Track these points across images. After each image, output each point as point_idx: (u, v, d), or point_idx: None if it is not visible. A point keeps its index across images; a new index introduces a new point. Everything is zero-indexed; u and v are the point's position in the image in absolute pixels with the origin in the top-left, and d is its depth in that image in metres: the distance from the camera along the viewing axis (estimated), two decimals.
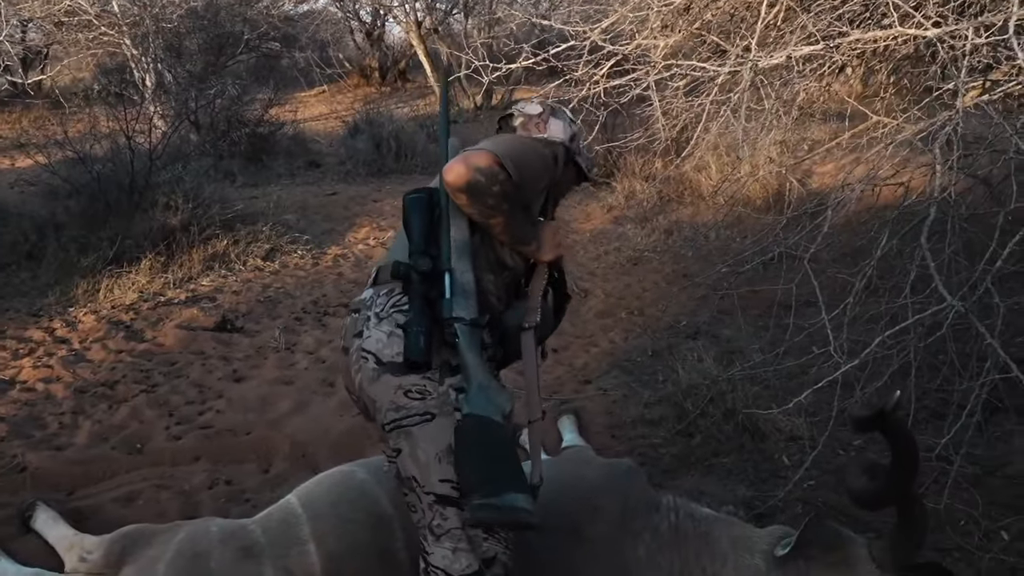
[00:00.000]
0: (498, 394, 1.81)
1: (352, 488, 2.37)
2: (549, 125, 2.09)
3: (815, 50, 2.84)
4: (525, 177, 1.89)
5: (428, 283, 1.88)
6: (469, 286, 1.88)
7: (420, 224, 1.93)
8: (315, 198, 8.62)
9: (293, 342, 4.79)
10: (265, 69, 16.88)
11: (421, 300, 1.85)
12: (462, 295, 1.87)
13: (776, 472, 3.29)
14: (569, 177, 2.19)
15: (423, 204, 1.95)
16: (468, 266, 1.90)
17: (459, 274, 1.88)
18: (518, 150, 1.93)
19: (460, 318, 1.84)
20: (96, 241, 5.83)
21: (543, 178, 2.03)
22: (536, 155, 1.99)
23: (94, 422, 3.78)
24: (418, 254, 1.90)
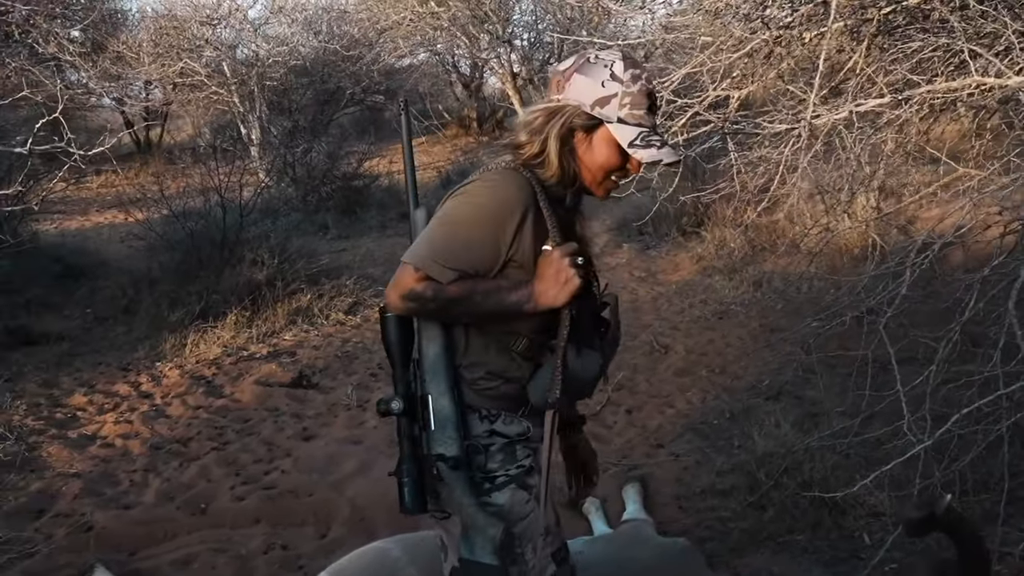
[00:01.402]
0: (488, 528, 1.60)
1: (385, 567, 2.29)
2: (571, 83, 1.64)
3: (880, 103, 2.67)
4: (475, 255, 1.59)
5: (410, 416, 1.66)
6: (446, 412, 1.63)
7: (396, 346, 1.69)
8: (403, 250, 8.69)
9: (365, 399, 4.79)
10: (369, 122, 17.39)
11: (407, 440, 1.66)
12: (440, 427, 1.63)
13: (855, 552, 3.04)
14: (593, 153, 1.67)
15: (396, 321, 1.68)
16: (444, 387, 1.64)
17: (434, 399, 1.64)
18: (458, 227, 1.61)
19: (440, 456, 1.62)
20: (186, 296, 6.02)
21: (505, 225, 1.60)
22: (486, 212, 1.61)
23: (163, 480, 3.83)
24: (398, 384, 1.68)
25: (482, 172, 1.71)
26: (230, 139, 12.69)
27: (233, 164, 7.68)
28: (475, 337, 1.71)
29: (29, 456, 4.06)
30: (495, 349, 1.70)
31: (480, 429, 1.71)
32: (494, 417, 1.73)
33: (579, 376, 1.68)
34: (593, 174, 1.69)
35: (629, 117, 1.62)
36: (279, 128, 12.35)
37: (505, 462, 1.72)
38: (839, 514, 3.23)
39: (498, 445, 1.72)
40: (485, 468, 1.70)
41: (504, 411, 1.73)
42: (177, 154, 13.17)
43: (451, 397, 1.65)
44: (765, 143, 4.40)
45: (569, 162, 1.67)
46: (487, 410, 1.72)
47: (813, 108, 2.68)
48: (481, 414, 1.72)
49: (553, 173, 1.66)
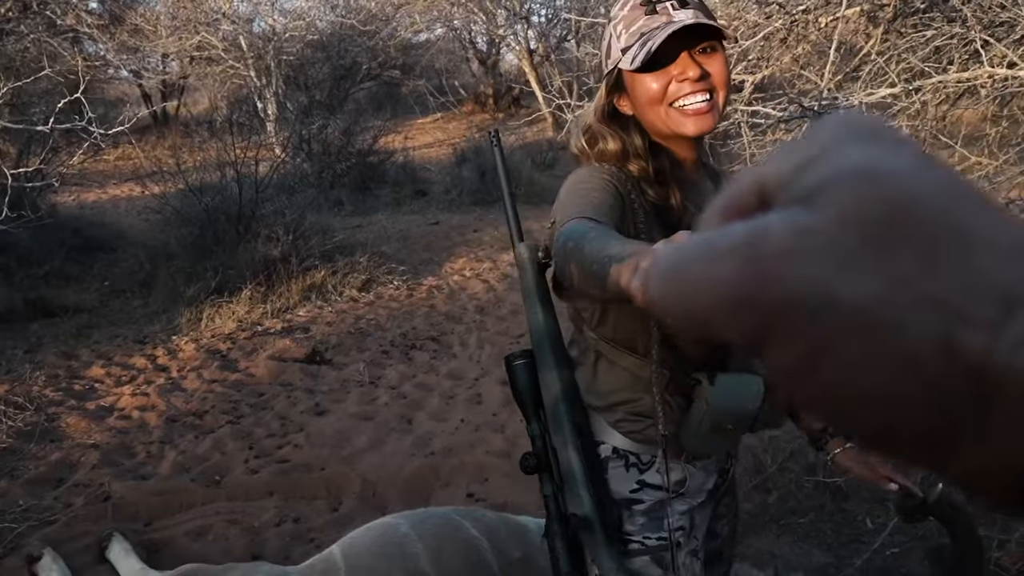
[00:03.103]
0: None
1: (393, 543, 2.35)
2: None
3: (892, 92, 2.67)
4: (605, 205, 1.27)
5: (549, 473, 1.45)
6: (571, 466, 1.40)
7: (525, 395, 1.48)
8: (418, 227, 8.75)
9: (377, 375, 4.85)
10: (385, 97, 17.41)
11: (551, 501, 1.45)
12: (568, 483, 1.41)
13: (858, 536, 3.08)
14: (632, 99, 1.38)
15: (527, 370, 1.47)
16: (567, 437, 1.41)
17: (560, 453, 1.42)
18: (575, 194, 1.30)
19: (574, 515, 1.41)
20: (201, 271, 6.08)
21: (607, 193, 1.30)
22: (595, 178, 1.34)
23: (179, 452, 3.91)
24: (532, 438, 1.47)
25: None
26: (246, 114, 12.74)
27: (249, 139, 7.73)
28: (606, 370, 1.46)
29: (48, 426, 4.14)
30: (632, 383, 1.43)
31: (626, 481, 1.47)
32: (645, 465, 1.46)
33: (724, 409, 1.35)
34: (656, 116, 1.34)
35: (630, 39, 1.32)
36: (295, 103, 12.39)
37: (645, 528, 1.47)
38: (842, 498, 3.27)
39: (645, 504, 1.47)
40: (621, 528, 1.48)
41: (654, 455, 1.46)
42: (194, 127, 13.19)
43: (575, 448, 1.40)
44: (780, 127, 4.41)
45: (630, 134, 1.39)
46: (637, 456, 1.46)
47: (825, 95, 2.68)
48: (629, 461, 1.46)
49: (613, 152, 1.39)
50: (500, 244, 8.04)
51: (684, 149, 1.41)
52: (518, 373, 1.47)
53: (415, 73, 17.26)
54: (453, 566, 2.27)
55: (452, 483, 3.59)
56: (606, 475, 1.46)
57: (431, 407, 4.41)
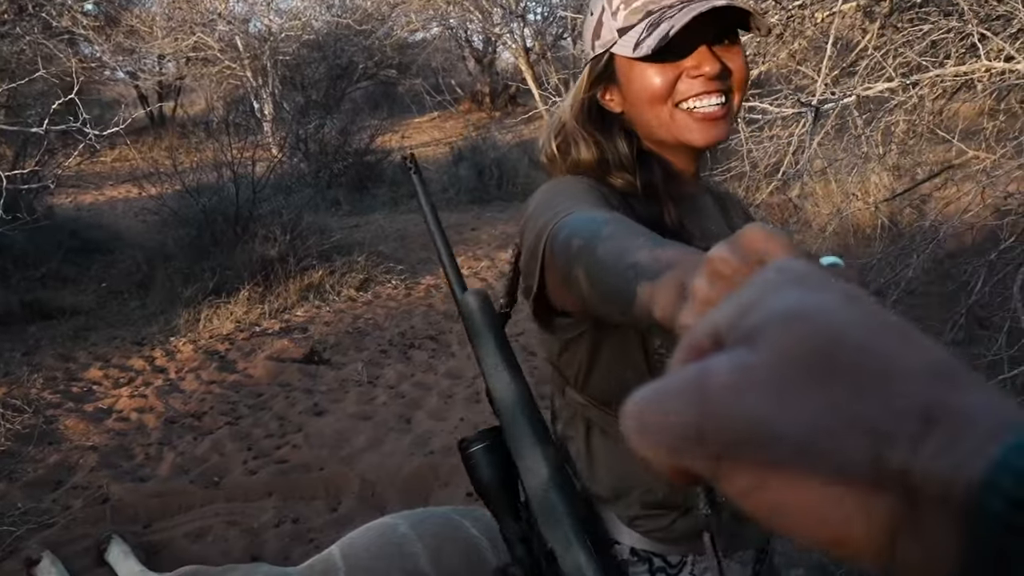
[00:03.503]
0: None
1: (392, 543, 2.34)
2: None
3: (889, 87, 2.67)
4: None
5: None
6: (584, 571, 1.05)
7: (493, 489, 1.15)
8: (415, 227, 8.73)
9: (376, 375, 4.84)
10: (382, 96, 17.38)
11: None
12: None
13: None
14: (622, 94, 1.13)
15: (492, 456, 1.14)
16: (569, 533, 1.06)
17: (561, 556, 1.07)
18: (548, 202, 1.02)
19: None
20: (199, 271, 6.07)
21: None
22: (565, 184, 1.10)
23: (177, 454, 3.90)
24: (512, 545, 1.14)
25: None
26: (243, 114, 12.72)
27: (246, 139, 7.71)
28: (602, 447, 1.16)
29: (46, 429, 4.14)
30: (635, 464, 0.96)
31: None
32: (674, 568, 1.17)
33: None
34: (657, 118, 1.09)
35: (631, 17, 1.07)
36: (292, 103, 12.37)
37: None
38: None
39: None
40: None
41: (687, 555, 1.17)
42: (190, 128, 13.16)
43: (583, 547, 1.06)
44: (776, 123, 4.40)
45: (612, 138, 1.13)
46: (663, 558, 1.16)
47: (822, 91, 2.68)
48: (654, 566, 1.16)
49: (588, 158, 1.13)
50: (498, 242, 8.03)
51: (683, 160, 1.15)
52: (480, 461, 1.14)
53: (411, 72, 17.23)
54: (453, 566, 2.26)
55: (451, 482, 3.58)
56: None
57: (430, 406, 4.40)
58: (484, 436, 1.15)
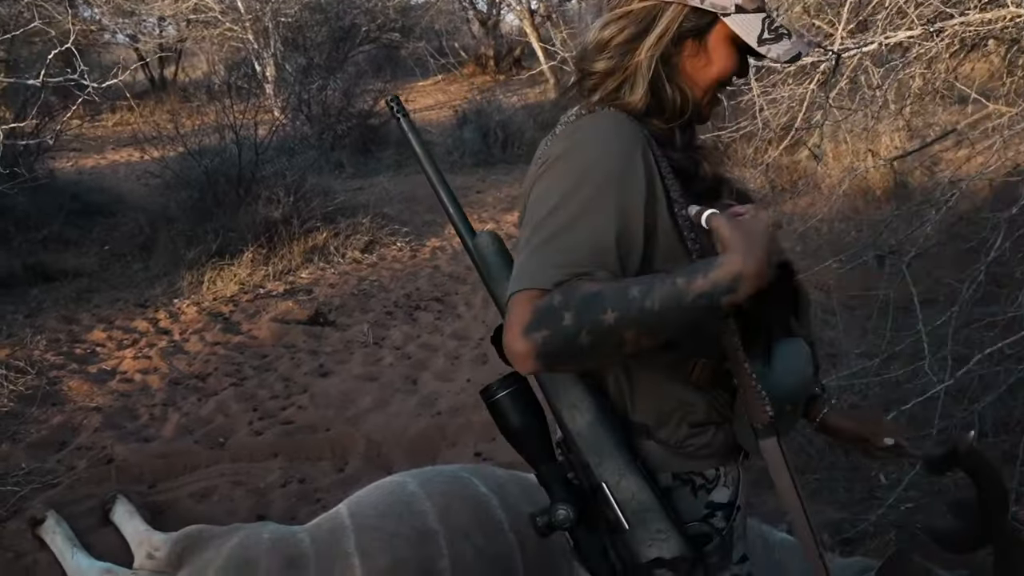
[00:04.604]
0: None
1: (400, 501, 2.30)
2: None
3: (911, 36, 2.58)
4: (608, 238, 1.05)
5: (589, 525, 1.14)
6: (641, 497, 1.10)
7: (526, 434, 1.16)
8: (420, 189, 8.64)
9: (382, 336, 4.79)
10: (385, 59, 17.19)
11: (599, 557, 1.14)
12: (640, 522, 1.10)
13: (871, 492, 3.04)
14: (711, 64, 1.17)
15: (519, 400, 1.15)
16: (622, 464, 1.11)
17: (615, 487, 1.10)
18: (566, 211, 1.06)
19: (657, 560, 1.10)
20: (202, 233, 6.02)
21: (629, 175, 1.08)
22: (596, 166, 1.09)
23: (182, 414, 3.87)
24: (553, 486, 1.13)
25: (556, 134, 1.19)
26: (244, 76, 12.57)
27: (248, 102, 7.61)
28: (642, 376, 1.17)
29: (50, 390, 4.10)
30: (675, 387, 1.17)
31: (696, 509, 1.21)
32: (711, 483, 1.22)
33: (786, 381, 1.18)
34: (704, 91, 1.19)
35: (747, 1, 1.13)
36: (294, 65, 12.21)
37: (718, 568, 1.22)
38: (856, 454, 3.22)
39: (714, 541, 1.21)
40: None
41: (721, 466, 1.23)
42: (192, 91, 13.06)
43: (637, 473, 1.11)
44: (789, 80, 4.30)
45: (671, 85, 1.16)
46: (701, 475, 1.21)
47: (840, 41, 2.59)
48: (696, 484, 1.21)
49: (641, 101, 1.15)
50: (503, 205, 7.96)
51: (686, 123, 1.22)
52: (507, 407, 1.14)
53: (415, 35, 17.03)
54: (462, 523, 2.22)
55: (459, 442, 3.54)
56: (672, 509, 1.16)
57: (436, 367, 4.36)
58: (507, 382, 1.14)
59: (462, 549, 2.19)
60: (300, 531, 2.37)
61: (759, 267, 0.97)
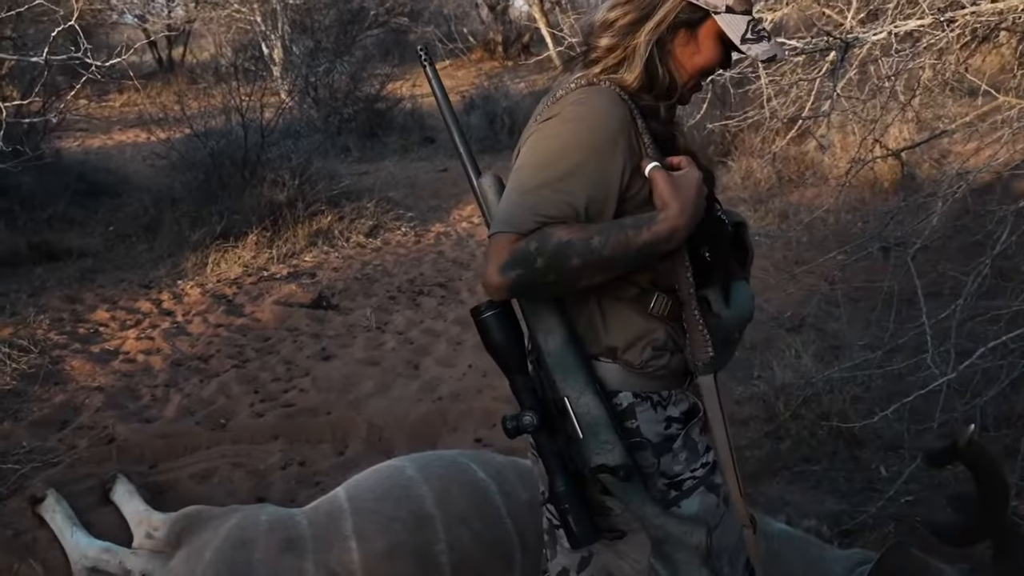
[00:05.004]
0: (688, 537, 1.34)
1: (399, 485, 2.30)
2: None
3: (921, 25, 2.56)
4: (582, 194, 1.26)
5: (550, 430, 1.36)
6: (593, 413, 1.31)
7: (505, 350, 1.37)
8: (426, 174, 8.65)
9: (384, 321, 4.79)
10: (393, 44, 17.12)
11: (556, 459, 1.35)
12: (591, 432, 1.31)
13: (871, 484, 3.03)
14: (698, 53, 1.36)
15: (502, 321, 1.36)
16: (582, 383, 1.32)
17: (574, 401, 1.32)
18: (551, 167, 1.27)
19: (601, 467, 1.30)
20: (207, 215, 6.01)
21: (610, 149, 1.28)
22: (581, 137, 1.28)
23: (184, 395, 3.87)
24: (522, 394, 1.36)
25: (555, 98, 1.35)
26: (252, 59, 12.54)
27: (255, 84, 7.59)
28: (614, 310, 1.37)
29: (52, 369, 4.10)
30: (639, 317, 1.37)
31: (656, 421, 1.40)
32: (666, 401, 1.41)
33: (735, 318, 1.39)
34: (690, 77, 1.38)
35: (737, 3, 1.31)
36: (301, 48, 12.17)
37: (690, 461, 1.42)
38: (856, 446, 3.22)
39: (680, 440, 1.41)
40: (671, 473, 1.41)
41: (672, 389, 1.42)
42: (199, 73, 13.01)
43: (594, 392, 1.32)
44: (797, 70, 4.27)
45: (662, 67, 1.35)
46: (658, 394, 1.41)
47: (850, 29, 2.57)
48: (653, 400, 1.40)
49: (636, 79, 1.33)
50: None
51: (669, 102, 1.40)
52: (492, 325, 1.36)
53: (423, 20, 16.96)
54: (459, 508, 2.22)
55: (460, 428, 3.55)
56: (635, 422, 1.38)
57: (438, 353, 4.36)
58: (494, 304, 1.36)
59: (459, 534, 2.19)
60: (298, 513, 2.37)
61: (688, 221, 1.25)
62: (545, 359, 1.34)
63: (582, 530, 1.34)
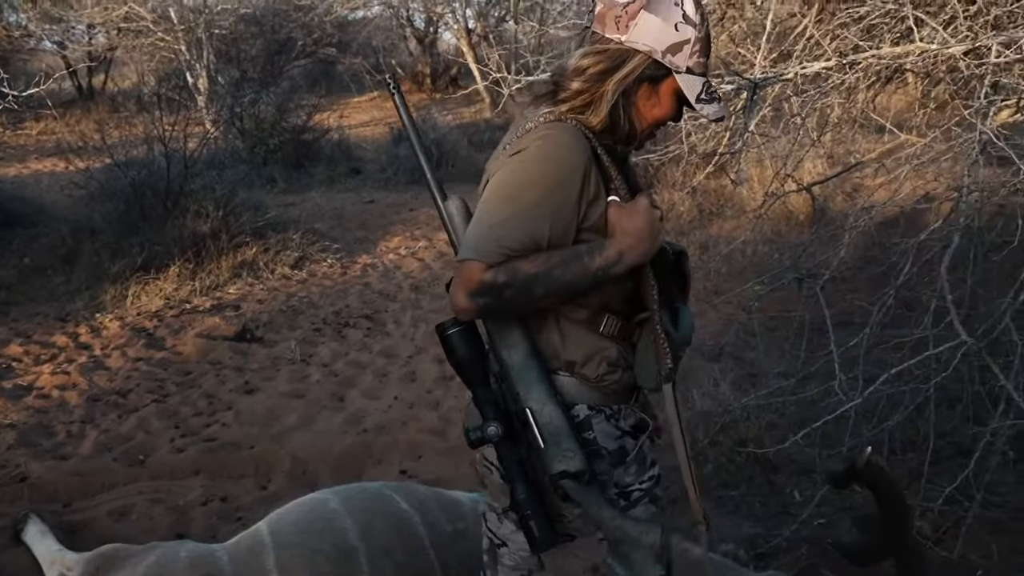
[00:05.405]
0: (644, 536, 1.45)
1: (322, 518, 2.30)
2: (638, 22, 1.40)
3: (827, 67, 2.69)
4: (546, 227, 1.38)
5: (512, 440, 1.46)
6: (556, 423, 1.42)
7: (469, 364, 1.49)
8: (353, 205, 8.63)
9: (309, 353, 4.76)
10: (321, 74, 17.08)
11: (518, 467, 1.46)
12: (554, 441, 1.41)
13: (785, 508, 3.12)
14: (658, 106, 1.48)
15: (466, 337, 1.48)
16: (544, 395, 1.43)
17: (536, 412, 1.43)
18: (518, 201, 1.39)
19: (563, 473, 1.41)
20: (127, 247, 5.89)
21: (571, 185, 1.40)
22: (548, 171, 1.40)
23: (101, 432, 3.78)
24: (483, 406, 1.47)
25: (524, 130, 1.46)
26: (176, 88, 12.37)
27: (179, 114, 7.50)
28: (571, 327, 1.49)
29: None
30: (594, 335, 1.49)
31: (610, 433, 1.51)
32: (617, 415, 1.53)
33: (681, 339, 1.51)
34: (647, 126, 1.50)
35: (696, 67, 1.44)
36: (227, 78, 12.07)
37: (638, 474, 1.54)
38: (772, 471, 3.31)
39: (632, 453, 1.53)
40: (622, 483, 1.52)
41: (622, 404, 1.54)
42: (120, 102, 12.80)
43: (556, 403, 1.43)
44: None
45: (624, 115, 1.47)
46: (611, 408, 1.52)
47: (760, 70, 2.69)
48: (607, 413, 1.51)
49: (600, 122, 1.45)
50: (436, 223, 7.94)
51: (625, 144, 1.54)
52: (456, 341, 1.48)
53: (351, 51, 16.96)
54: (383, 540, 2.23)
55: (385, 460, 3.54)
56: (592, 433, 1.49)
57: (364, 385, 4.35)
58: (458, 322, 1.46)
59: (383, 566, 2.20)
60: (219, 549, 2.34)
61: (638, 244, 1.39)
62: (509, 373, 1.45)
63: (543, 535, 1.45)
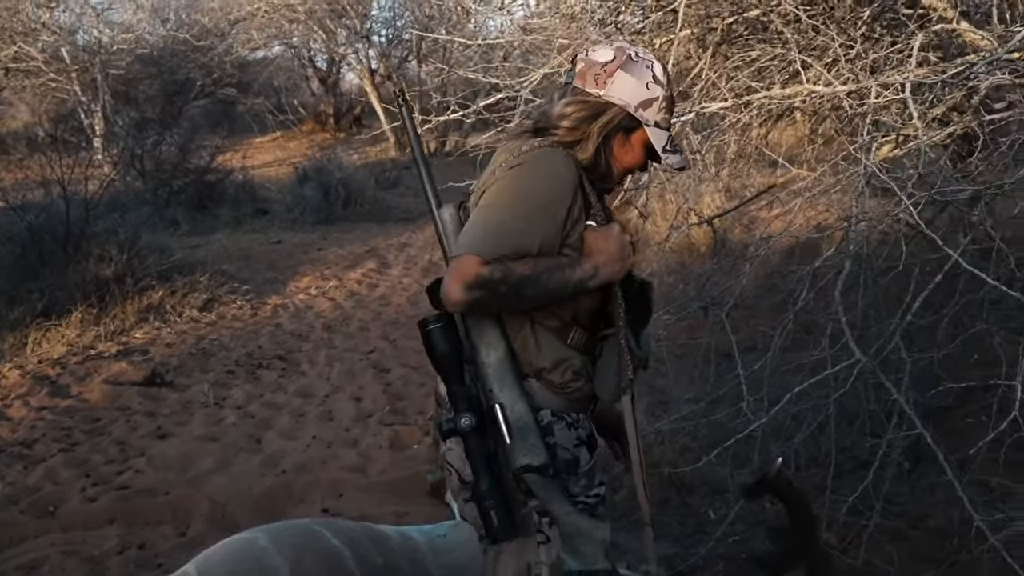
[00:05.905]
0: (594, 531, 1.57)
1: (250, 556, 2.28)
2: (615, 80, 1.59)
3: (723, 107, 2.87)
4: (538, 234, 1.53)
5: (480, 433, 1.55)
6: (524, 419, 1.53)
7: (447, 359, 1.58)
8: (260, 246, 8.54)
9: (223, 396, 4.70)
10: (222, 114, 16.86)
11: (483, 460, 1.55)
12: (520, 436, 1.52)
13: (701, 527, 3.24)
14: (630, 153, 1.67)
15: (446, 333, 1.58)
16: (516, 394, 1.55)
17: (507, 408, 1.53)
18: (516, 207, 1.55)
19: (526, 467, 1.51)
20: (26, 293, 5.71)
21: (562, 201, 1.56)
22: (543, 186, 1.57)
23: (6, 484, 3.66)
24: (458, 401, 1.57)
25: (521, 151, 1.60)
26: (71, 129, 12.05)
27: (76, 155, 7.32)
28: (543, 336, 1.61)
29: None
30: (561, 346, 1.62)
31: (570, 440, 1.63)
32: (576, 423, 1.65)
33: (641, 356, 1.64)
34: (621, 170, 1.69)
35: (663, 121, 1.65)
36: (125, 119, 11.82)
37: (585, 488, 1.66)
38: (686, 492, 3.44)
39: (584, 464, 1.64)
40: (569, 492, 1.61)
41: (580, 413, 1.67)
42: (11, 144, 12.37)
43: (526, 402, 1.55)
44: None
45: (605, 157, 1.64)
46: (570, 415, 1.64)
47: None
48: (567, 421, 1.63)
49: (587, 158, 1.61)
50: (346, 262, 7.96)
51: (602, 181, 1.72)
52: (437, 337, 1.57)
53: (253, 91, 16.82)
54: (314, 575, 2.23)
55: (306, 499, 3.52)
56: (553, 439, 1.59)
57: (281, 426, 4.32)
58: (439, 318, 1.57)
59: None
60: None
61: (610, 262, 1.54)
62: (484, 370, 1.56)
63: (502, 526, 1.53)
